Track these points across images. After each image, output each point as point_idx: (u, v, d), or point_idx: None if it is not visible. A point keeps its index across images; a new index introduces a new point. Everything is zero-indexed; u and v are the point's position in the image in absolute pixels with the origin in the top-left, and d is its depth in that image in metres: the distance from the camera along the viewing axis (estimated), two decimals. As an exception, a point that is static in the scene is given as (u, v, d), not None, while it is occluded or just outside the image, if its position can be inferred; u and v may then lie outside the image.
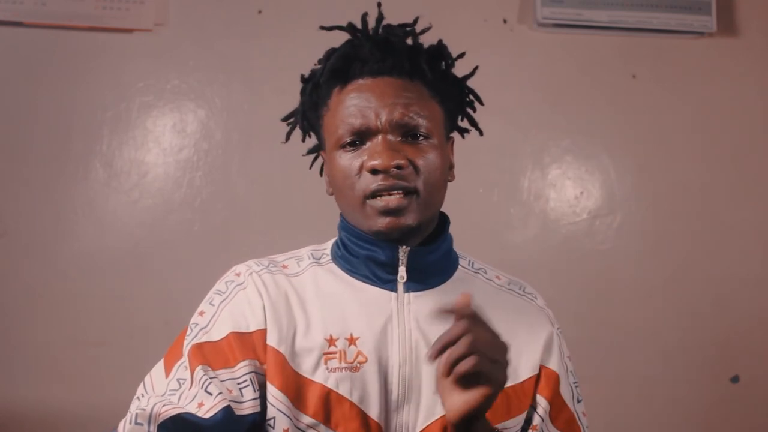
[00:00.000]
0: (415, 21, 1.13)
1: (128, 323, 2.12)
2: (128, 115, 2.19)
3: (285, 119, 1.19)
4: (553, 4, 2.28)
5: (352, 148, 1.05)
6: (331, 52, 1.10)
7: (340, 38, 1.12)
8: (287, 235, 2.05)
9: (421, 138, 1.05)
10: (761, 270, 2.29)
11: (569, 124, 2.31)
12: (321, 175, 1.17)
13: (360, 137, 1.05)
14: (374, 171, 1.02)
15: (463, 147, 1.23)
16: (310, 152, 1.21)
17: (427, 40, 1.13)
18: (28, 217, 2.13)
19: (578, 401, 1.14)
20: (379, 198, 1.03)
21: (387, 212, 1.02)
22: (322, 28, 1.14)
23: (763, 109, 2.34)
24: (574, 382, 1.15)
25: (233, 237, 2.17)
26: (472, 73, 1.17)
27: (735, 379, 2.26)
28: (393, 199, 1.02)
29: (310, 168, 1.23)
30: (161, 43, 2.20)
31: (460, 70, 1.15)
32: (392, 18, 1.13)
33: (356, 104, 1.05)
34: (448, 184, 1.12)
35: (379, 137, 1.03)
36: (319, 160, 1.19)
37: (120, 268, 2.14)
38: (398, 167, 1.02)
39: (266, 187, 2.19)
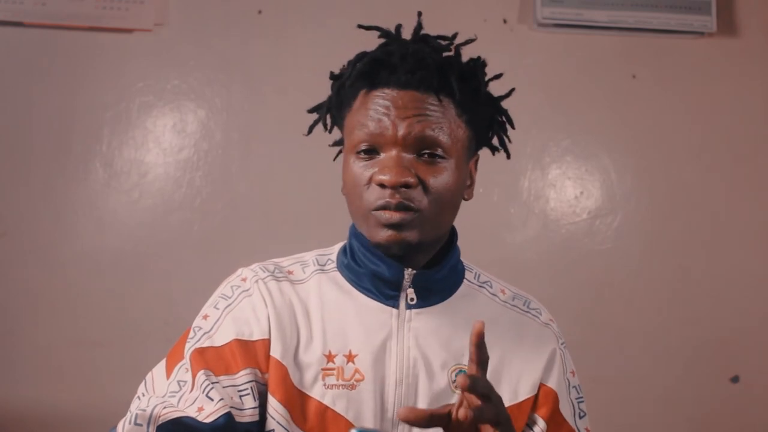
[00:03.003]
0: (454, 36, 1.10)
1: (128, 323, 2.12)
2: (128, 115, 2.19)
3: (312, 111, 1.16)
4: (553, 4, 2.28)
5: (365, 157, 1.03)
6: (362, 55, 1.07)
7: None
8: (287, 236, 2.06)
9: (437, 157, 1.02)
10: (761, 270, 2.29)
11: (569, 124, 2.30)
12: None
13: (375, 147, 1.02)
14: (382, 185, 1.00)
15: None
16: (335, 144, 1.18)
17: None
18: (28, 217, 2.13)
19: (580, 417, 1.13)
20: (384, 210, 1.01)
21: (390, 225, 1.00)
22: (360, 26, 1.11)
23: (763, 109, 2.33)
24: (577, 398, 1.14)
25: (233, 237, 2.16)
26: (508, 94, 1.15)
27: (735, 379, 2.26)
28: (398, 214, 1.00)
29: (334, 160, 1.19)
30: (161, 43, 2.20)
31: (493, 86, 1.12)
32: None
33: (376, 112, 1.02)
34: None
35: (393, 151, 1.01)
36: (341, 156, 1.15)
37: (120, 268, 2.14)
38: (406, 185, 1.00)
39: (266, 187, 2.19)
